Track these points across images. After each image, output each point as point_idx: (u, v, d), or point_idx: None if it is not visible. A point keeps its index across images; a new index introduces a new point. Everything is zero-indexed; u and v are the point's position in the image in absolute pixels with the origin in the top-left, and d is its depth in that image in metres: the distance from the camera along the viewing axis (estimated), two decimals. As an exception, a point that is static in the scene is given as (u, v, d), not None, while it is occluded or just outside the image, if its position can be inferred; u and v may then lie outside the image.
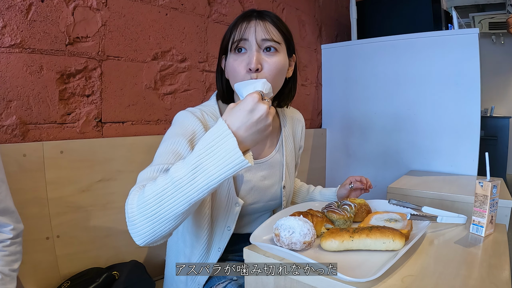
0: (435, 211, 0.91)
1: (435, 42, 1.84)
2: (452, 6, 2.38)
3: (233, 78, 0.81)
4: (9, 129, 1.01)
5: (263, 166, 0.92)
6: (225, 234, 0.87)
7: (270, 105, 0.62)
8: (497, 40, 5.24)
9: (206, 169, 0.57)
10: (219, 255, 0.87)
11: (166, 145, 0.76)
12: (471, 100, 1.75)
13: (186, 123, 0.81)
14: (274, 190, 0.95)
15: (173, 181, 0.58)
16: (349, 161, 2.24)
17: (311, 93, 2.27)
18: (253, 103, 0.59)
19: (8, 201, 0.77)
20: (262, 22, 0.80)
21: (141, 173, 0.72)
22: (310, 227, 0.71)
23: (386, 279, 0.60)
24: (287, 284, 0.67)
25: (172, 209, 0.59)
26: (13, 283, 0.76)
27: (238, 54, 0.80)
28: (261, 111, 0.59)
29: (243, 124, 0.58)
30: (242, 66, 0.78)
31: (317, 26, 2.29)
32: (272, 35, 0.79)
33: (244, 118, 0.58)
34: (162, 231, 0.61)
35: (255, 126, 0.59)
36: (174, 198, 0.59)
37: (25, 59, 1.02)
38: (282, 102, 0.95)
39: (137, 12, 1.28)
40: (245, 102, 0.59)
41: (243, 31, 0.79)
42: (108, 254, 1.17)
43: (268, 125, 0.60)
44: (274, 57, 0.79)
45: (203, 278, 0.88)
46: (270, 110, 0.60)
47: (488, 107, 4.40)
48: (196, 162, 0.58)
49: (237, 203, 0.85)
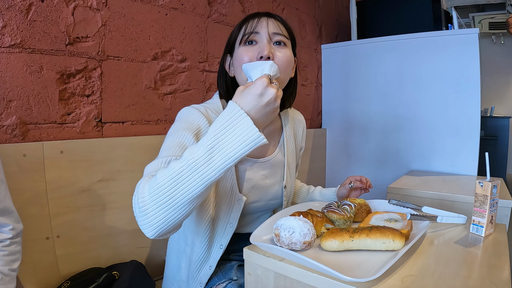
0: (435, 211, 0.91)
1: (435, 42, 1.84)
2: (452, 6, 2.38)
3: (240, 68, 0.81)
4: (9, 129, 1.01)
5: (265, 165, 0.93)
6: (227, 231, 0.87)
7: (278, 87, 0.64)
8: (497, 40, 5.24)
9: (224, 147, 0.59)
10: (221, 253, 0.87)
11: (172, 139, 0.77)
12: (471, 100, 1.75)
13: (191, 118, 0.81)
14: (275, 189, 0.95)
15: (189, 163, 0.59)
16: (349, 161, 2.24)
17: (311, 93, 2.27)
18: (263, 87, 0.61)
19: (7, 201, 0.77)
20: (273, 19, 0.84)
21: (148, 166, 0.72)
22: (310, 227, 0.71)
23: (386, 279, 0.60)
24: (287, 284, 0.67)
25: (188, 191, 0.59)
26: (12, 283, 0.76)
27: (248, 46, 0.82)
28: (270, 95, 0.62)
29: (253, 107, 0.61)
30: (252, 55, 0.80)
31: (317, 26, 2.29)
32: (282, 29, 0.84)
33: (255, 101, 0.61)
34: (174, 219, 0.61)
35: (264, 109, 0.62)
36: (190, 180, 0.59)
37: (25, 59, 1.02)
38: (286, 101, 0.96)
39: (137, 12, 1.28)
40: (254, 86, 0.62)
41: (255, 25, 0.82)
42: (108, 254, 1.17)
43: (276, 107, 0.64)
44: (284, 50, 0.83)
45: (205, 277, 0.87)
46: (278, 93, 0.64)
47: (488, 107, 4.40)
48: (212, 143, 0.59)
49: (240, 200, 0.86)
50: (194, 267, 0.88)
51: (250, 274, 0.74)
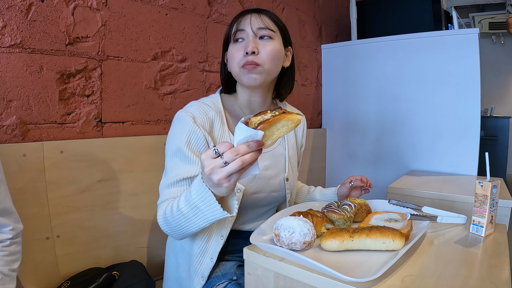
0: (435, 211, 0.91)
1: (435, 42, 1.84)
2: (452, 6, 2.37)
3: (232, 64, 0.89)
4: (9, 129, 1.01)
5: (266, 156, 0.95)
6: (226, 221, 0.87)
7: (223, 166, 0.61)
8: (497, 40, 5.24)
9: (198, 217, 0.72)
10: (221, 244, 0.87)
11: (173, 162, 0.86)
12: (471, 100, 1.75)
13: (179, 128, 0.86)
14: (277, 181, 0.96)
15: (183, 213, 0.73)
16: (349, 161, 2.24)
17: (311, 93, 2.27)
18: (202, 159, 0.63)
19: (7, 201, 0.77)
20: (258, 15, 0.88)
21: (161, 185, 0.86)
22: (310, 227, 0.71)
23: (386, 279, 0.60)
24: (287, 284, 0.67)
25: (188, 229, 0.75)
26: (12, 283, 0.76)
27: (236, 43, 0.88)
28: (204, 168, 0.62)
29: (204, 178, 0.65)
30: (240, 52, 0.86)
31: (317, 26, 2.29)
32: (267, 23, 0.87)
33: (203, 173, 0.64)
34: (188, 235, 0.80)
35: (207, 180, 0.64)
36: (189, 222, 0.73)
37: (25, 59, 1.02)
38: (282, 90, 0.99)
39: (137, 12, 1.28)
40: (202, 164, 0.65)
41: (240, 23, 0.88)
42: (108, 254, 1.17)
43: (217, 183, 0.61)
44: (270, 43, 0.87)
45: (207, 270, 0.87)
46: (213, 167, 0.61)
47: (488, 107, 4.40)
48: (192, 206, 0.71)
49: (239, 189, 0.88)
50: (196, 260, 0.88)
51: (250, 274, 0.74)
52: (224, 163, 0.59)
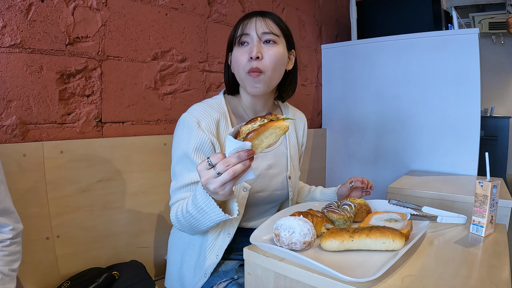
0: (435, 211, 0.91)
1: (435, 42, 1.84)
2: (452, 6, 2.38)
3: (236, 68, 0.90)
4: (9, 129, 1.01)
5: (269, 155, 0.96)
6: (234, 220, 0.89)
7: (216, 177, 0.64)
8: (497, 40, 5.24)
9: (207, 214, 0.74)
10: (228, 241, 0.89)
11: (180, 167, 0.88)
12: (471, 100, 1.75)
13: (185, 133, 0.87)
14: (280, 179, 0.98)
15: (192, 215, 0.76)
16: (349, 161, 2.24)
17: (311, 93, 2.27)
18: (198, 170, 0.65)
19: (7, 201, 0.77)
20: (263, 19, 0.88)
21: (171, 188, 0.88)
22: (310, 227, 0.71)
23: (386, 279, 0.60)
24: (287, 284, 0.67)
25: (199, 227, 0.78)
26: (12, 283, 0.76)
27: (241, 47, 0.89)
28: (200, 179, 0.65)
29: (203, 186, 0.67)
30: (245, 56, 0.86)
31: (317, 26, 2.29)
32: (271, 28, 0.88)
33: (202, 182, 0.66)
34: (201, 232, 0.85)
35: (205, 189, 0.67)
36: (198, 222, 0.77)
37: (25, 59, 1.02)
38: (284, 93, 1.00)
39: (137, 12, 1.28)
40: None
41: (245, 26, 0.88)
42: (108, 254, 1.17)
43: (213, 192, 0.65)
44: (273, 48, 0.87)
45: (211, 267, 0.89)
46: (207, 178, 0.64)
47: (488, 107, 4.40)
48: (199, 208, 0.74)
49: (245, 188, 0.90)
50: (203, 255, 0.90)
51: (250, 274, 0.74)
52: (217, 174, 0.62)
